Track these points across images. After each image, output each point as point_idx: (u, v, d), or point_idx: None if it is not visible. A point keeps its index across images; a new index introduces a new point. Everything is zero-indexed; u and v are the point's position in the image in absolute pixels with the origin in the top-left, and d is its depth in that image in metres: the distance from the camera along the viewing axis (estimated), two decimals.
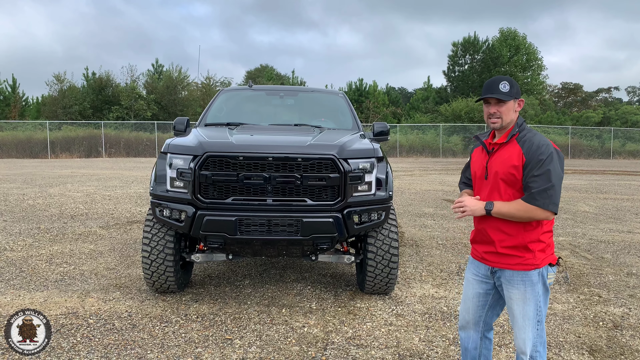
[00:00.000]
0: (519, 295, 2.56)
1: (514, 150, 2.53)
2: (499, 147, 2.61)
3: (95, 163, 26.35)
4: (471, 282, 2.79)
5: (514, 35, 48.60)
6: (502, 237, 2.57)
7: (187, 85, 42.38)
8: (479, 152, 2.77)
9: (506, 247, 2.57)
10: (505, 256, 2.58)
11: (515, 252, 2.56)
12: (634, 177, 20.68)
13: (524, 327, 2.58)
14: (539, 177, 2.43)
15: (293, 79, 47.87)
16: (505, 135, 2.60)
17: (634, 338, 4.00)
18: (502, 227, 2.57)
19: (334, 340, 3.89)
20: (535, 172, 2.44)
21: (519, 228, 2.54)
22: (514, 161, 2.51)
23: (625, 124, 43.19)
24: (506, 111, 2.56)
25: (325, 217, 4.21)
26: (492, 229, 2.60)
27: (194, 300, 4.74)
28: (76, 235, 7.64)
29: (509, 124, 2.60)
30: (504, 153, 2.57)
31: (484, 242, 2.67)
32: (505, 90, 2.54)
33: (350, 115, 6.14)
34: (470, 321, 2.82)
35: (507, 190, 2.56)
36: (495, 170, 2.56)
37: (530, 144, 2.49)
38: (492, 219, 2.58)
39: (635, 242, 7.57)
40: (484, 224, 2.64)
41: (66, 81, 39.51)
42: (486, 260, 2.67)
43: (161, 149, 4.61)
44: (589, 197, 13.07)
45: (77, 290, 5.00)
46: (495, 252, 2.60)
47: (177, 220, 4.27)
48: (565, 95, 57.85)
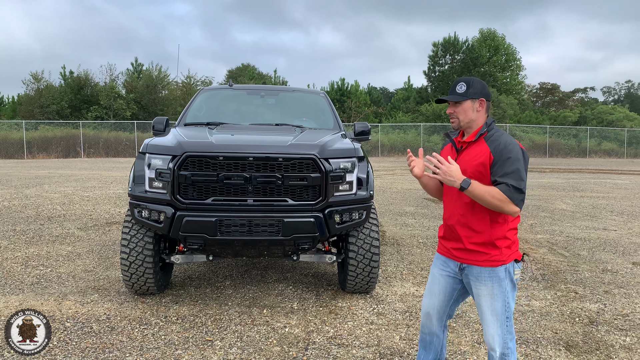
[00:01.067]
0: (487, 291, 2.62)
1: (481, 148, 2.59)
2: (467, 145, 2.68)
3: (73, 163, 25.92)
4: (438, 278, 2.82)
5: (494, 35, 49.25)
6: (470, 233, 2.62)
7: (168, 84, 41.96)
8: (448, 150, 2.82)
9: (474, 243, 2.62)
10: (473, 252, 2.63)
11: (482, 249, 2.61)
12: (609, 175, 21.12)
13: (492, 323, 2.63)
14: (510, 176, 2.48)
15: (275, 79, 47.72)
16: (474, 134, 2.66)
17: (609, 333, 4.08)
18: (470, 223, 2.62)
19: (315, 340, 3.89)
20: (506, 170, 2.49)
21: (486, 225, 2.59)
22: (481, 159, 2.56)
23: (600, 124, 44.10)
24: (462, 111, 2.64)
25: (307, 217, 4.21)
26: (460, 225, 2.66)
27: (174, 302, 4.69)
28: (53, 237, 7.50)
29: (468, 123, 2.66)
30: (472, 151, 2.63)
31: (453, 238, 2.72)
32: (460, 91, 2.63)
33: (331, 114, 6.15)
34: (435, 316, 2.86)
35: None
36: (464, 168, 2.59)
37: (498, 143, 2.55)
38: (460, 216, 2.65)
39: (610, 239, 7.73)
40: (453, 220, 2.69)
41: (43, 80, 38.81)
42: (455, 257, 2.72)
43: (140, 149, 4.56)
44: (567, 196, 13.31)
45: (54, 293, 4.91)
46: (464, 248, 2.65)
47: (156, 221, 4.22)
48: (543, 95, 58.80)
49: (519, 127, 40.45)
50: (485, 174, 2.54)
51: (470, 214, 2.61)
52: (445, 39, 47.58)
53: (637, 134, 41.89)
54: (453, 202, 2.69)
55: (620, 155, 39.89)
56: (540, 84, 59.04)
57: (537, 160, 34.63)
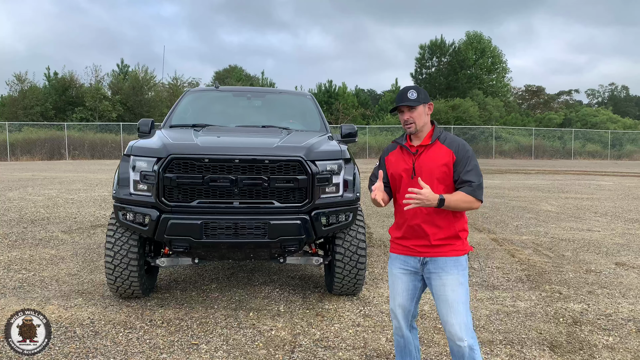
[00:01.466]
0: (453, 280, 2.75)
1: (442, 150, 2.79)
2: (424, 149, 2.83)
3: (57, 165, 25.61)
4: (400, 277, 2.91)
5: (480, 38, 49.77)
6: (435, 230, 2.77)
7: (154, 85, 41.65)
8: (397, 155, 2.94)
9: (439, 239, 2.77)
10: (438, 247, 2.77)
11: (447, 242, 2.77)
12: (593, 176, 21.41)
13: (459, 311, 2.71)
14: (471, 172, 2.73)
15: (262, 80, 47.64)
16: (427, 137, 2.85)
17: (592, 333, 4.13)
18: (436, 221, 2.76)
19: (302, 343, 3.88)
20: (467, 168, 2.74)
21: (450, 220, 2.78)
22: (445, 160, 2.76)
23: (585, 126, 44.73)
24: (418, 116, 2.81)
25: (293, 219, 4.20)
26: (427, 223, 2.78)
27: (159, 306, 4.65)
28: (36, 240, 7.40)
29: (422, 127, 2.84)
30: (431, 153, 2.80)
31: (416, 237, 2.82)
32: (413, 97, 2.79)
33: (318, 117, 6.15)
34: (401, 315, 2.93)
35: (439, 187, 2.76)
36: (428, 170, 2.76)
37: (457, 144, 2.79)
38: (426, 215, 2.76)
39: (594, 240, 7.83)
40: (418, 219, 2.79)
41: (27, 81, 38.32)
42: (418, 253, 2.82)
43: (124, 151, 4.51)
44: (551, 197, 13.46)
45: (37, 298, 4.83)
46: (429, 244, 2.78)
47: (141, 224, 4.18)
48: (528, 98, 59.52)
49: (505, 129, 40.85)
50: (449, 173, 2.77)
51: (436, 212, 2.75)
52: (432, 42, 48.00)
53: (620, 136, 42.57)
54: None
55: (604, 156, 40.49)
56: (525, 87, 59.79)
57: (522, 162, 35.00)
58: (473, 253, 6.87)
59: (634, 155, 41.05)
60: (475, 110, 40.69)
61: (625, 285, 5.45)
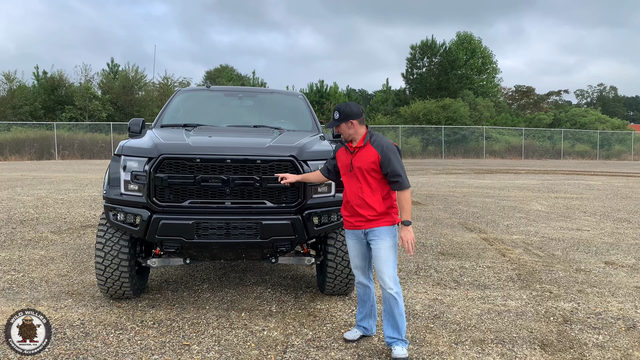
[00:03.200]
0: (387, 244, 3.61)
1: (369, 151, 3.62)
2: (358, 149, 3.66)
3: (47, 165, 25.37)
4: (353, 245, 3.82)
5: (470, 39, 49.97)
6: (370, 211, 3.63)
7: (144, 85, 41.38)
8: (343, 152, 3.80)
9: (373, 216, 3.63)
10: (373, 221, 3.63)
11: (378, 217, 3.63)
12: (582, 176, 21.60)
13: (389, 267, 3.59)
14: (395, 169, 3.55)
15: (254, 80, 47.51)
16: (361, 141, 3.68)
17: (582, 332, 4.16)
18: (370, 203, 3.61)
19: (294, 343, 3.87)
20: (392, 165, 3.55)
21: (379, 203, 3.63)
22: (372, 158, 3.59)
23: (574, 126, 45.11)
24: (341, 130, 3.69)
25: (285, 219, 4.19)
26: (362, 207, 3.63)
27: (151, 306, 4.62)
28: (25, 240, 7.32)
29: (350, 136, 3.70)
30: (363, 153, 3.64)
31: (357, 215, 3.67)
32: (336, 117, 3.66)
33: (309, 116, 6.14)
34: (360, 270, 3.85)
35: (373, 179, 3.62)
36: (359, 166, 3.62)
37: (381, 146, 3.60)
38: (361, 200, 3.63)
39: (584, 239, 7.90)
40: (353, 203, 3.67)
41: (16, 80, 37.90)
42: (359, 227, 3.69)
43: (115, 151, 4.48)
44: (541, 197, 13.56)
45: (26, 299, 4.79)
46: (366, 220, 3.65)
47: (132, 225, 4.15)
48: (518, 98, 59.88)
49: (495, 129, 41.09)
50: (377, 169, 3.60)
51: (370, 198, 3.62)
52: (423, 42, 48.06)
53: (608, 136, 42.98)
54: (354, 191, 3.67)
55: (593, 156, 40.86)
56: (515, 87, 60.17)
57: (512, 161, 35.24)
58: (464, 252, 6.90)
59: (623, 155, 41.49)
60: (466, 110, 40.86)
61: (615, 284, 5.50)
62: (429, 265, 6.24)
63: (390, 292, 3.60)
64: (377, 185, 3.63)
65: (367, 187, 3.62)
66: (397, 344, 3.63)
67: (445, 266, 6.19)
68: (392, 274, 3.60)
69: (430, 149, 38.35)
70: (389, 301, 3.63)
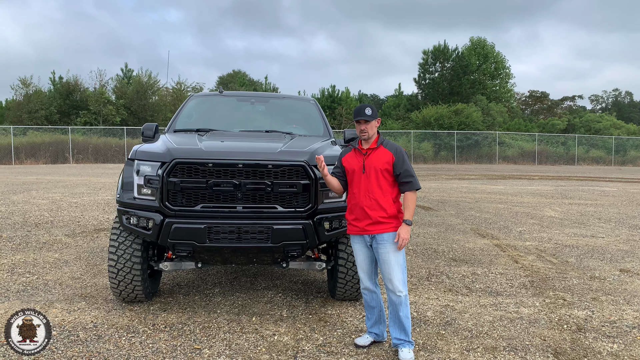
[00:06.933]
0: (394, 248, 3.67)
1: (383, 153, 3.75)
2: (371, 151, 3.78)
3: (62, 169, 25.69)
4: (359, 250, 3.84)
5: (483, 44, 49.72)
6: (381, 212, 3.69)
7: (158, 90, 41.75)
8: (352, 155, 3.87)
9: (383, 218, 3.69)
10: (383, 224, 3.69)
11: (388, 220, 3.70)
12: (597, 182, 21.34)
13: (399, 271, 3.68)
14: (407, 169, 3.70)
15: (266, 85, 47.73)
16: (374, 143, 3.80)
17: (597, 340, 4.11)
18: (382, 204, 3.69)
19: (305, 348, 3.87)
20: (404, 167, 3.70)
21: (390, 204, 3.71)
22: (387, 159, 3.73)
23: (588, 132, 44.61)
24: (370, 128, 3.75)
25: (296, 224, 4.20)
26: (373, 208, 3.69)
27: (162, 310, 4.65)
28: (40, 243, 7.42)
29: (372, 135, 3.79)
30: (377, 154, 3.76)
31: (366, 218, 3.71)
32: (369, 114, 3.73)
33: (321, 121, 6.16)
34: (366, 275, 3.86)
35: (385, 180, 3.73)
36: (374, 167, 3.72)
37: (395, 148, 3.76)
38: (374, 201, 3.69)
39: (598, 246, 7.79)
40: (364, 204, 3.71)
41: (32, 85, 38.48)
42: (368, 231, 3.72)
43: (128, 156, 4.53)
44: (555, 203, 13.42)
45: (40, 301, 4.84)
46: (376, 222, 3.69)
47: (145, 228, 4.19)
48: (532, 103, 59.43)
49: (508, 135, 40.80)
50: (390, 169, 3.73)
51: (381, 199, 3.70)
52: (435, 47, 47.91)
53: (624, 142, 42.42)
54: (365, 192, 3.72)
55: (608, 162, 40.35)
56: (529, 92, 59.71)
57: (526, 167, 34.93)
58: (476, 258, 6.85)
59: (638, 161, 40.90)
60: (479, 115, 40.60)
61: (630, 292, 5.42)
62: (441, 271, 6.20)
63: (399, 295, 3.67)
64: (388, 187, 3.73)
65: (378, 189, 3.71)
66: (404, 345, 3.72)
67: (457, 272, 6.15)
68: (402, 277, 3.68)
69: (442, 154, 38.15)
70: (395, 304, 3.70)
